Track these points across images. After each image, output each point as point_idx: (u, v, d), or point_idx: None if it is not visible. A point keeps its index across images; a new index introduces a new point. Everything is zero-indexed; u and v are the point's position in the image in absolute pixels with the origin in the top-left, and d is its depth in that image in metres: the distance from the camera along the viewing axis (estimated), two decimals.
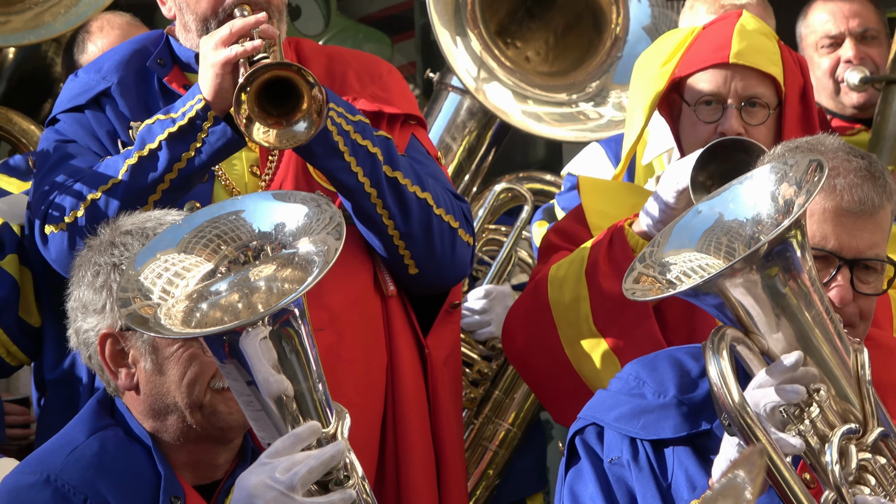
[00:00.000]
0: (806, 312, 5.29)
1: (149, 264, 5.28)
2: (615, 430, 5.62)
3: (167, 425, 5.39)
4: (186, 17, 6.81)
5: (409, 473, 6.73)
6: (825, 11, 8.75)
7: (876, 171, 5.68)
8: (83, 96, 6.88)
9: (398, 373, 6.78)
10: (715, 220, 5.50)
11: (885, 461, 5.38)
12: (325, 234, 5.22)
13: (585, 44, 8.75)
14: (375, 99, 6.92)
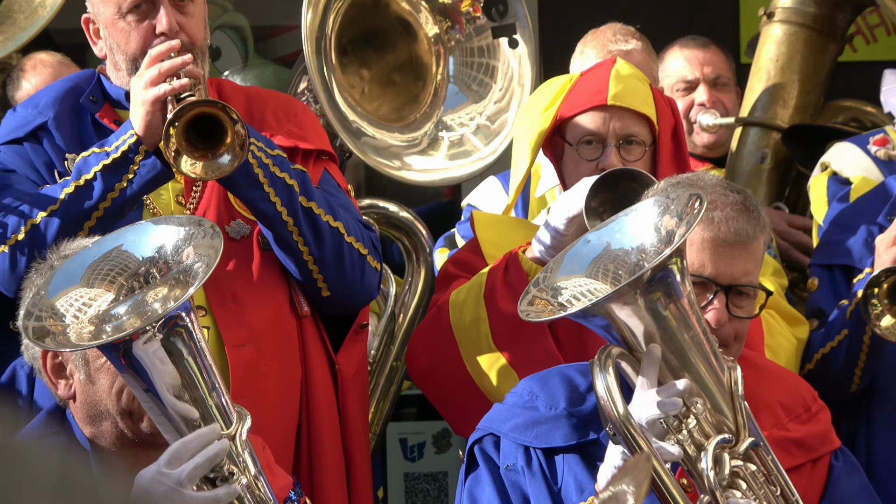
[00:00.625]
0: (685, 333, 5.60)
1: (61, 295, 5.50)
2: (511, 440, 5.88)
3: (103, 431, 5.57)
4: (117, 57, 6.95)
5: (322, 474, 6.88)
6: (681, 58, 9.08)
7: (750, 205, 5.98)
8: (21, 129, 7.01)
9: (311, 386, 6.93)
10: (603, 249, 5.77)
11: (755, 468, 5.69)
12: (206, 242, 5.48)
13: (405, 92, 8.73)
14: (291, 136, 7.08)
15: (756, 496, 5.64)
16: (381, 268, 7.24)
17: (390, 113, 8.41)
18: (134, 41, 6.88)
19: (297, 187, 6.85)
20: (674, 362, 5.57)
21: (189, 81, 6.66)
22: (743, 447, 5.64)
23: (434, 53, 8.45)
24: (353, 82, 8.37)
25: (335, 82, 8.20)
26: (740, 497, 5.58)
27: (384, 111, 8.38)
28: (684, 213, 5.59)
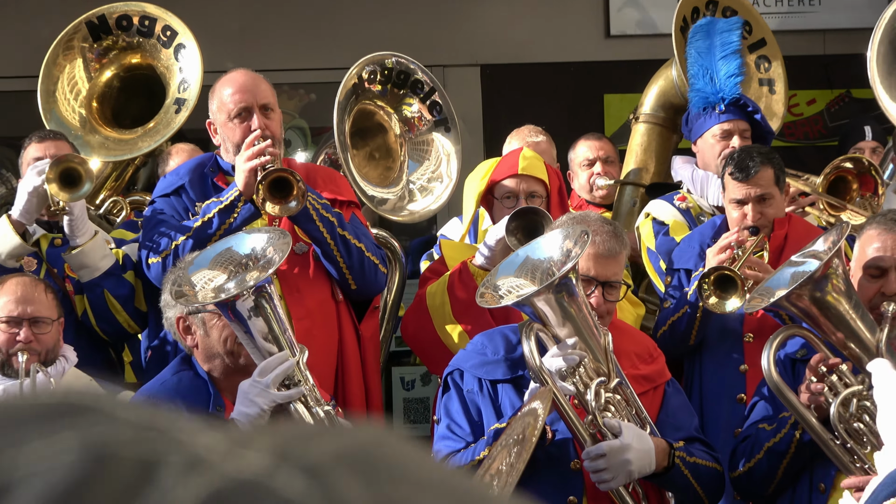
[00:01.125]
0: (578, 314, 5.68)
1: (195, 274, 5.59)
2: (470, 374, 5.92)
3: (215, 365, 5.64)
4: (227, 144, 6.98)
5: (350, 397, 6.88)
6: (586, 146, 8.95)
7: (618, 232, 6.05)
8: (169, 188, 7.08)
9: (344, 343, 6.96)
10: (526, 259, 5.89)
11: (620, 397, 5.76)
12: (281, 241, 5.60)
13: (383, 165, 8.56)
14: (332, 192, 7.05)
15: (621, 415, 5.70)
16: (386, 272, 7.28)
17: (374, 178, 8.34)
18: (238, 135, 6.89)
19: (336, 222, 6.86)
20: (572, 332, 5.69)
21: (270, 158, 6.73)
22: (612, 384, 5.73)
23: (398, 143, 8.45)
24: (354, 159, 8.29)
25: (353, 164, 8.19)
26: (610, 416, 5.66)
27: (370, 176, 8.31)
28: (578, 239, 5.69)
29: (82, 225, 7.23)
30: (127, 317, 7.29)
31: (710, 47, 8.43)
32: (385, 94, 8.49)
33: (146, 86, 8.71)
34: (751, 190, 7.08)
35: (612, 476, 5.59)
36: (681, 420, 5.98)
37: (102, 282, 7.20)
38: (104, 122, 8.63)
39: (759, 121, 7.99)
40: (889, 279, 5.85)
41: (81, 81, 8.65)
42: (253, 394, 5.37)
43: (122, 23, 8.66)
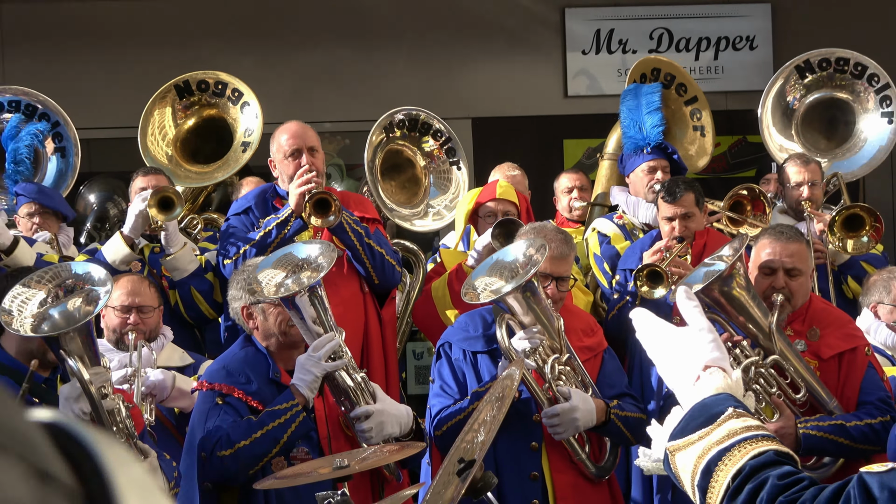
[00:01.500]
0: (539, 305, 5.60)
1: (261, 273, 5.50)
2: (457, 346, 5.82)
3: (271, 342, 5.47)
4: (283, 176, 6.89)
5: (373, 367, 6.72)
6: (566, 177, 8.85)
7: (568, 239, 5.94)
8: (240, 209, 6.98)
9: (368, 324, 6.86)
10: (496, 262, 5.79)
11: (569, 369, 5.69)
12: (328, 251, 5.50)
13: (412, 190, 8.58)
14: (360, 211, 6.96)
15: (570, 383, 5.63)
16: (401, 271, 7.16)
17: (403, 200, 8.35)
18: (291, 169, 6.81)
19: (364, 233, 6.79)
20: (534, 320, 5.60)
21: (315, 185, 6.70)
22: (564, 359, 5.66)
23: (423, 173, 8.44)
24: (387, 186, 8.32)
25: (381, 188, 8.19)
26: (563, 384, 5.61)
27: (400, 199, 8.32)
28: (539, 247, 5.63)
29: (175, 238, 7.31)
30: (208, 307, 7.32)
31: (638, 105, 8.42)
32: (406, 137, 8.47)
33: (217, 132, 8.73)
34: (677, 209, 7.11)
35: (564, 430, 5.58)
36: (614, 380, 5.91)
37: (190, 281, 7.25)
38: (185, 159, 8.66)
39: (676, 160, 8.02)
40: (777, 276, 5.80)
41: (169, 128, 8.69)
42: (309, 364, 5.31)
43: (201, 85, 8.75)
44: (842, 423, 5.57)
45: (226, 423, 5.25)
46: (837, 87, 9.00)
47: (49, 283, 4.90)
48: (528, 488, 5.64)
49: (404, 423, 5.40)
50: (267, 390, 5.38)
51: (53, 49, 11.05)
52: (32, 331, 4.74)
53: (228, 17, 11.30)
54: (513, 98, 11.50)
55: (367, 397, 5.38)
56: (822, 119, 9.06)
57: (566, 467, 5.70)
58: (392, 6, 11.46)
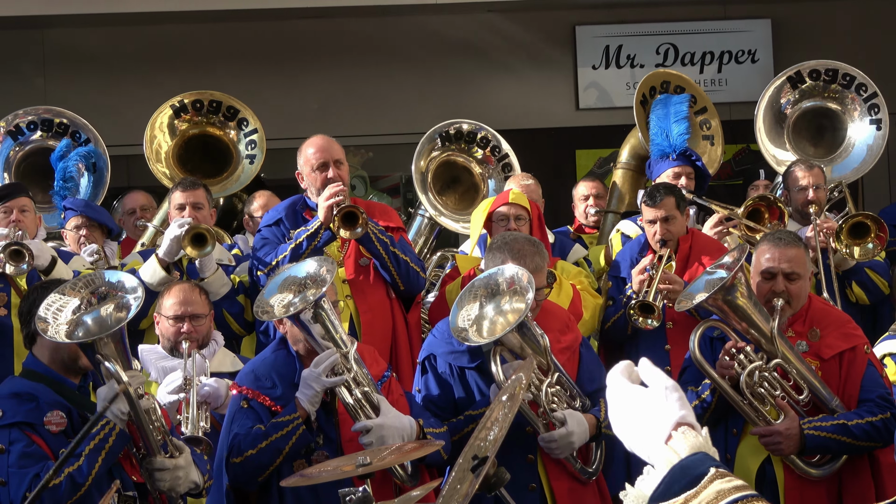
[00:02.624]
0: (529, 332, 5.41)
1: (272, 296, 5.39)
2: (442, 359, 5.68)
3: (299, 348, 5.39)
4: (311, 188, 6.84)
5: (401, 366, 6.67)
6: (583, 185, 8.87)
7: (540, 249, 5.76)
8: (272, 220, 6.93)
9: (396, 327, 6.81)
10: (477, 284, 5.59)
11: (559, 388, 5.56)
12: (331, 266, 5.35)
13: (470, 200, 8.70)
14: (385, 221, 6.92)
15: (561, 403, 5.53)
16: (425, 276, 7.06)
17: (462, 208, 8.43)
18: (319, 182, 6.79)
19: (389, 243, 6.75)
20: (522, 345, 5.44)
21: (342, 198, 6.65)
22: (554, 379, 5.54)
23: (480, 179, 8.52)
24: (449, 199, 8.41)
25: (433, 198, 8.30)
26: (556, 407, 5.51)
27: (458, 207, 8.38)
28: (527, 279, 5.43)
29: (208, 263, 7.26)
30: (238, 327, 7.27)
31: (666, 114, 8.47)
32: (453, 147, 8.58)
33: (213, 149, 8.81)
34: (658, 212, 7.10)
35: (561, 452, 5.53)
36: (594, 373, 5.79)
37: (222, 303, 7.18)
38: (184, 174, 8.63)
39: (699, 166, 8.06)
40: (777, 281, 5.77)
41: (164, 144, 8.80)
42: (310, 379, 5.26)
43: (196, 104, 8.84)
44: (844, 423, 5.55)
45: (244, 427, 5.25)
46: (829, 98, 9.03)
47: (83, 291, 4.86)
48: (527, 499, 5.56)
49: (407, 435, 5.31)
50: (291, 394, 5.34)
51: (92, 71, 11.10)
52: (67, 337, 4.71)
53: (255, 41, 11.32)
54: (527, 111, 11.53)
55: (367, 411, 5.29)
56: (810, 127, 9.08)
57: (561, 475, 5.65)
58: (411, 27, 11.46)
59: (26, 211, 7.22)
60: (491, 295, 5.51)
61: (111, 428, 4.76)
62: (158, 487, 4.89)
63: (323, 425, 5.33)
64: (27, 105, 9.12)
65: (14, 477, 4.70)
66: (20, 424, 4.78)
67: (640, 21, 11.49)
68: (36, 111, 8.81)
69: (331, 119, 11.13)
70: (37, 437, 4.77)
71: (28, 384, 4.89)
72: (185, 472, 4.91)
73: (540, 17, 11.45)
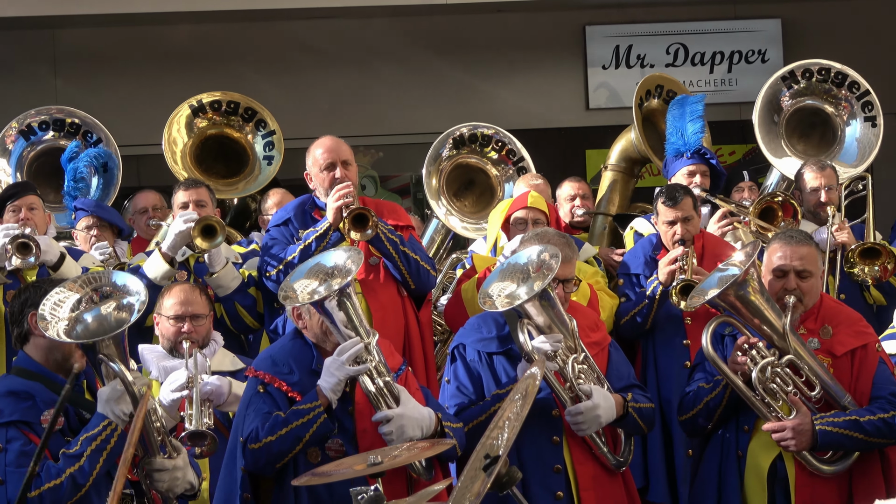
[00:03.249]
0: (554, 308, 5.54)
1: (295, 282, 5.44)
2: (471, 347, 5.74)
3: (318, 338, 5.39)
4: (320, 189, 6.85)
5: (414, 360, 6.72)
6: (568, 185, 8.76)
7: (570, 243, 5.84)
8: (280, 220, 6.96)
9: (408, 324, 6.83)
10: (509, 265, 5.70)
11: (586, 367, 5.62)
12: (356, 256, 5.42)
13: (486, 203, 8.75)
14: (395, 220, 6.94)
15: (589, 380, 5.57)
16: (436, 275, 7.11)
17: (477, 211, 8.47)
18: (327, 182, 6.81)
19: (399, 242, 6.78)
20: (549, 323, 5.54)
21: (351, 199, 6.69)
22: (581, 357, 5.61)
23: (497, 182, 8.52)
24: (464, 203, 8.43)
25: (445, 202, 8.31)
26: (583, 382, 5.56)
27: (473, 210, 8.41)
28: (553, 255, 5.56)
29: (217, 258, 7.23)
30: (252, 319, 7.26)
31: (682, 114, 8.50)
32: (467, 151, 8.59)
33: (228, 149, 8.84)
34: (678, 213, 7.17)
35: (588, 426, 5.56)
36: (621, 371, 5.85)
37: (233, 297, 7.22)
38: (200, 174, 8.70)
39: (714, 164, 8.10)
40: (789, 279, 5.78)
41: (181, 143, 8.80)
42: (333, 368, 5.25)
43: (214, 105, 8.86)
44: (856, 419, 5.56)
45: (261, 412, 5.26)
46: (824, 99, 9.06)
47: (85, 287, 4.85)
48: (552, 481, 5.60)
49: (426, 426, 5.32)
50: (308, 381, 5.35)
51: (103, 71, 11.14)
52: (67, 335, 4.71)
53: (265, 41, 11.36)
54: (538, 111, 11.57)
55: (388, 401, 5.30)
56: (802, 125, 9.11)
57: (587, 459, 5.67)
58: (420, 27, 11.47)
59: (35, 209, 7.25)
60: (523, 278, 5.58)
61: (113, 428, 4.77)
62: (156, 487, 4.91)
63: (339, 415, 5.32)
64: (39, 104, 9.16)
65: (12, 475, 4.70)
66: (17, 423, 4.78)
67: (651, 21, 11.52)
68: (48, 111, 8.85)
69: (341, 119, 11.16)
70: (33, 436, 4.76)
71: (24, 382, 4.88)
72: (182, 472, 4.93)
73: (550, 16, 11.47)
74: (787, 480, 5.67)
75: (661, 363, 7.19)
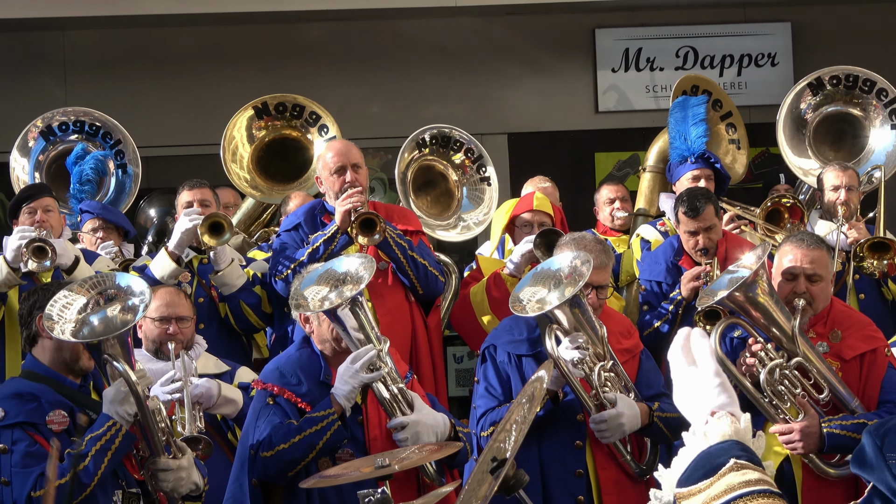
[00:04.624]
0: (585, 315, 5.57)
1: (306, 289, 5.44)
2: (502, 348, 5.75)
3: (325, 346, 5.42)
4: (329, 192, 6.89)
5: (421, 369, 6.73)
6: (607, 189, 8.86)
7: (606, 248, 5.89)
8: (290, 225, 7.00)
9: (416, 330, 6.88)
10: (542, 271, 5.73)
11: (613, 375, 5.62)
12: (369, 264, 5.44)
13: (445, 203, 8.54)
14: (403, 224, 6.97)
15: (615, 388, 5.58)
16: (444, 280, 7.15)
17: (436, 213, 8.32)
18: (336, 186, 6.82)
19: (407, 247, 6.81)
20: (579, 329, 5.56)
21: (360, 203, 6.72)
22: (609, 365, 5.62)
23: (455, 186, 8.39)
24: (422, 202, 8.31)
25: (412, 202, 8.17)
26: (608, 390, 5.57)
27: (433, 212, 8.29)
28: (584, 260, 5.57)
29: (223, 256, 7.24)
30: (257, 318, 7.27)
31: (684, 118, 8.50)
32: (436, 152, 8.45)
33: (293, 152, 8.85)
34: (700, 224, 7.10)
35: (612, 434, 5.56)
36: (651, 380, 5.85)
37: (238, 295, 7.22)
38: (260, 176, 8.76)
39: (719, 169, 8.03)
40: (799, 281, 5.79)
41: (243, 146, 8.79)
42: (347, 375, 5.28)
43: (279, 107, 8.87)
44: (864, 422, 5.55)
45: (272, 423, 5.25)
46: (850, 103, 9.05)
47: (91, 290, 4.88)
48: (573, 485, 5.61)
49: (441, 432, 5.34)
50: (317, 392, 5.35)
51: (112, 73, 11.15)
52: (73, 336, 4.74)
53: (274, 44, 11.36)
54: (546, 114, 11.53)
55: (403, 408, 5.31)
56: (831, 132, 9.09)
57: (609, 464, 5.67)
58: (430, 30, 11.49)
59: (50, 211, 7.27)
60: (556, 284, 5.58)
61: (118, 429, 4.79)
62: (161, 488, 4.93)
63: (349, 424, 5.34)
64: (47, 106, 9.21)
65: (17, 477, 4.73)
66: (22, 424, 4.81)
67: (660, 24, 11.50)
68: (67, 112, 8.89)
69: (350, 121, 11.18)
70: (39, 437, 4.79)
71: (29, 384, 4.91)
72: (187, 472, 4.94)
73: (560, 19, 11.47)
74: (794, 483, 5.68)
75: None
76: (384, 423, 5.37)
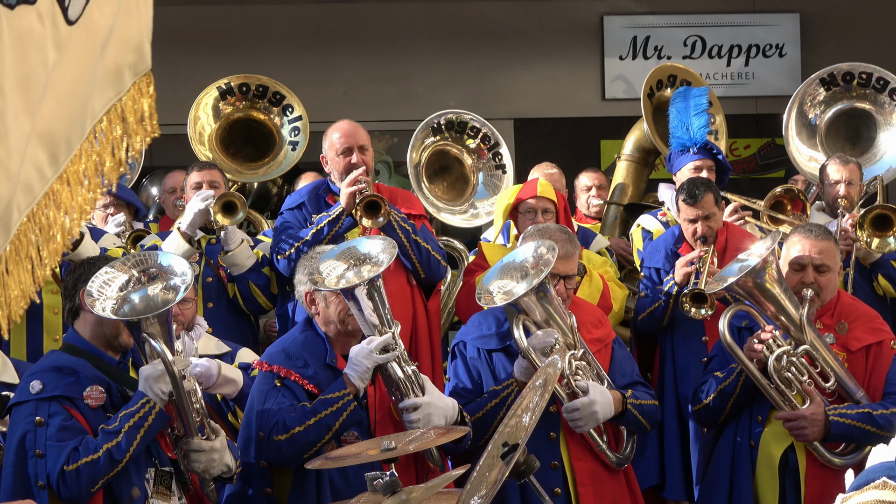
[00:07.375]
0: (552, 304, 5.53)
1: (323, 263, 5.42)
2: (471, 344, 5.75)
3: (330, 328, 5.41)
4: (335, 173, 6.85)
5: (421, 354, 6.66)
6: (585, 176, 8.91)
7: (573, 238, 5.87)
8: (294, 204, 6.95)
9: (416, 314, 6.81)
10: (506, 264, 5.70)
11: (585, 363, 5.60)
12: (389, 247, 5.41)
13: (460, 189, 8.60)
14: (407, 208, 6.93)
15: (587, 377, 5.56)
16: (446, 265, 7.13)
17: (451, 198, 8.36)
18: (342, 166, 6.81)
19: (411, 230, 6.78)
20: (547, 318, 5.53)
21: (365, 185, 6.70)
22: (579, 354, 5.60)
23: (471, 171, 8.42)
24: (437, 188, 8.32)
25: (425, 187, 8.17)
26: (580, 379, 5.55)
27: (447, 197, 8.31)
28: (550, 249, 5.55)
29: (233, 236, 7.30)
30: (265, 299, 7.31)
31: (686, 107, 8.42)
32: (452, 137, 8.49)
33: (256, 133, 8.85)
34: (699, 212, 7.08)
35: (585, 423, 5.55)
36: (625, 368, 5.83)
37: (248, 276, 7.28)
38: (225, 157, 8.75)
39: (721, 160, 8.00)
40: (807, 272, 5.82)
41: (208, 126, 8.80)
42: (361, 356, 5.27)
43: (242, 88, 8.88)
44: (869, 412, 5.61)
45: (282, 406, 5.23)
46: (859, 98, 9.01)
47: (134, 269, 4.89)
48: (549, 477, 5.56)
49: (450, 415, 5.35)
50: (323, 375, 5.34)
51: None
52: (114, 313, 4.76)
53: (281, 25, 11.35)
54: (553, 100, 11.55)
55: (416, 389, 5.33)
56: (847, 128, 9.06)
57: (584, 455, 5.66)
58: (438, 13, 11.50)
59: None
60: (522, 275, 5.56)
61: (151, 406, 4.82)
62: (193, 468, 4.97)
63: None
64: None
65: (52, 450, 4.75)
66: (59, 398, 4.82)
67: (669, 13, 11.54)
68: None
69: (357, 104, 11.16)
70: (75, 412, 4.82)
71: (69, 358, 4.93)
72: (220, 454, 4.97)
73: (568, 6, 11.50)
74: (797, 471, 5.70)
75: (679, 359, 7.18)
76: (384, 408, 5.37)
